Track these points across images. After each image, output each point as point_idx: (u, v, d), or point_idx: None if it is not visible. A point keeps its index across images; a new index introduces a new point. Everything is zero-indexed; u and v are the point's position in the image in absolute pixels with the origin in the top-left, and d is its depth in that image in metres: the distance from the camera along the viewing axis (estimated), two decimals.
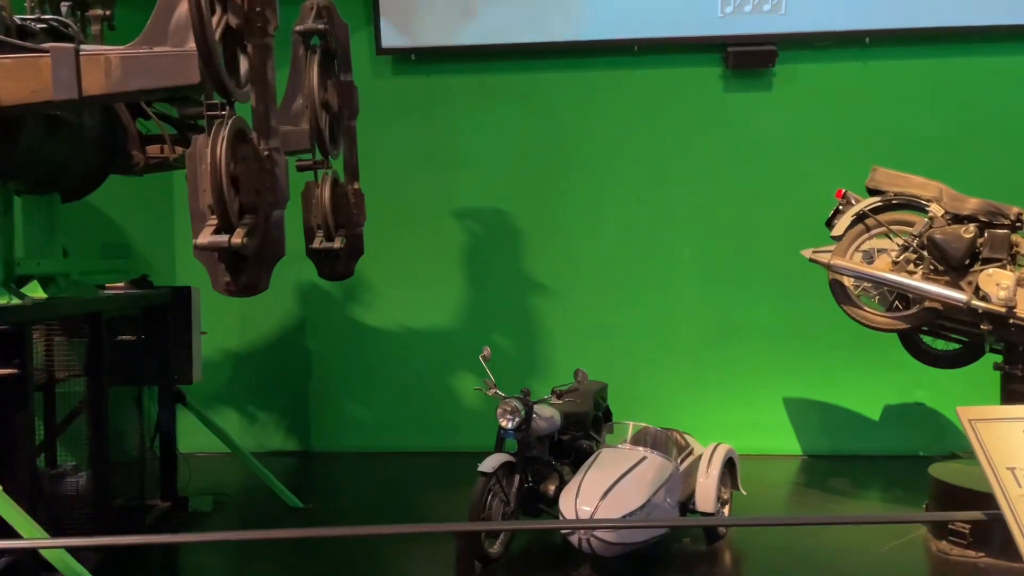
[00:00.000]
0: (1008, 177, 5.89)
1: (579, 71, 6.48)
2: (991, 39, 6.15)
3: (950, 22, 6.09)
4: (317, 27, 4.52)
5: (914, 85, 6.27)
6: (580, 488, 4.16)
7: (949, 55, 6.21)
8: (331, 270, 4.94)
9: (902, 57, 6.24)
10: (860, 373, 6.36)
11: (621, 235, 6.52)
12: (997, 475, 1.81)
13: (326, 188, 4.65)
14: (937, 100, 6.25)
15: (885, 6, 6.11)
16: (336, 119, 4.81)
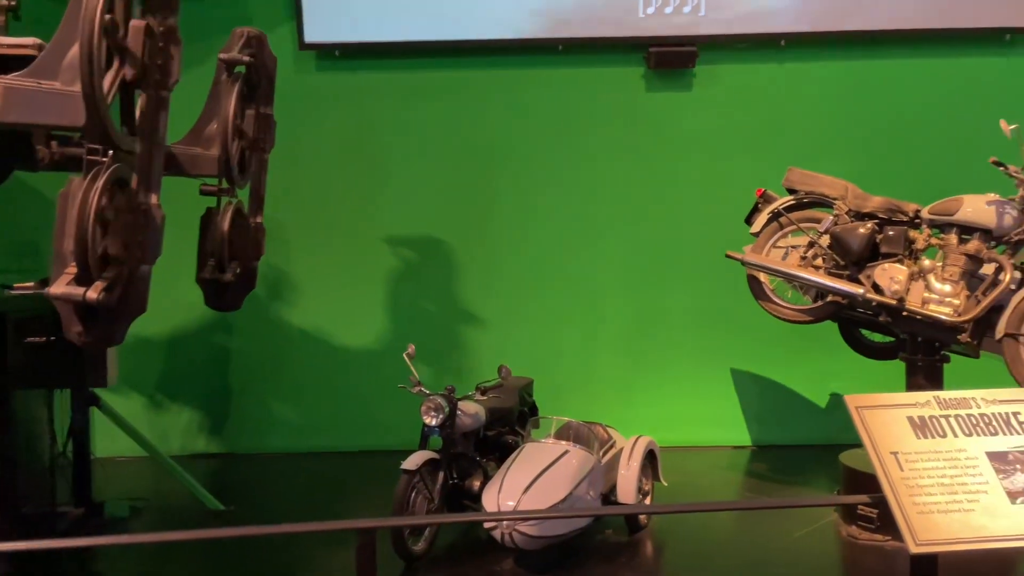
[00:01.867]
0: (913, 175, 6.14)
1: (505, 69, 6.51)
2: (899, 43, 6.41)
3: (860, 26, 6.31)
4: (242, 58, 4.45)
5: (827, 87, 6.49)
6: (503, 483, 4.20)
7: (860, 58, 6.45)
8: (218, 301, 4.85)
9: (816, 60, 6.45)
10: (780, 365, 6.56)
11: (546, 232, 6.58)
12: (881, 460, 1.90)
13: (226, 217, 4.58)
14: (848, 101, 6.48)
15: (798, 10, 6.30)
16: (250, 149, 4.75)
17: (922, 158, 6.34)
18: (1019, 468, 1.94)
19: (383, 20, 6.33)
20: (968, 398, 2.03)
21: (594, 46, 6.44)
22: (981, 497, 1.89)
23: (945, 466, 1.93)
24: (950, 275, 4.48)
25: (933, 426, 1.99)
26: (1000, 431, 2.00)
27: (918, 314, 4.54)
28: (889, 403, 2.01)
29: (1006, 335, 4.26)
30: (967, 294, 4.45)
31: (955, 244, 4.52)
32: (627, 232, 6.59)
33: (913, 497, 1.86)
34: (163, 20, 3.29)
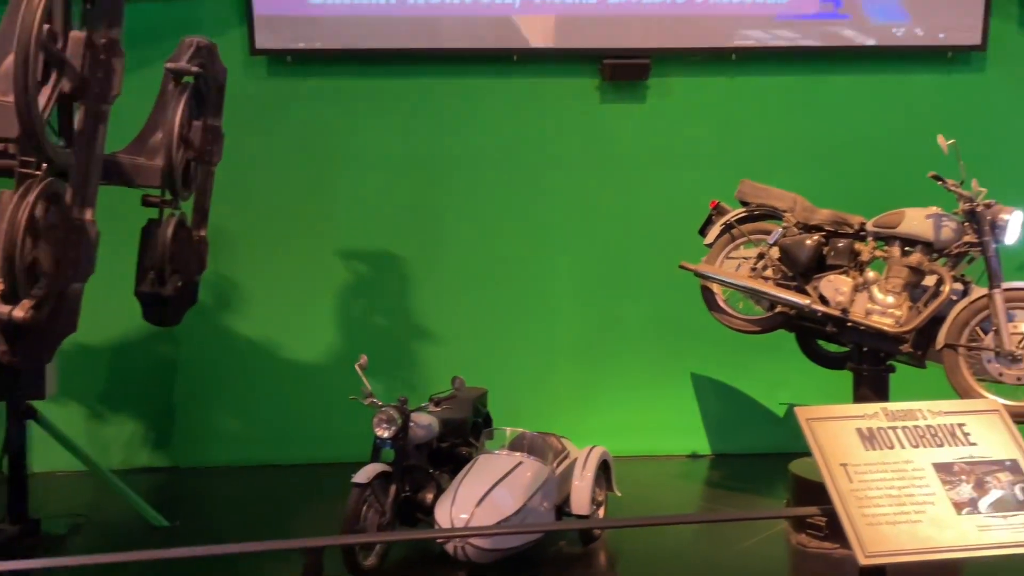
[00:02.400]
0: (860, 188, 6.25)
1: (459, 79, 6.48)
2: (846, 60, 6.55)
3: (807, 43, 6.44)
4: (189, 68, 4.35)
5: (777, 101, 6.60)
6: (456, 496, 4.16)
7: (808, 73, 6.57)
8: (157, 315, 4.73)
9: (765, 74, 6.56)
10: (735, 374, 6.62)
11: (501, 242, 6.56)
12: (831, 472, 1.92)
13: (168, 230, 4.47)
14: (798, 115, 6.59)
15: (747, 25, 6.40)
16: (196, 161, 4.64)
17: (869, 171, 6.47)
18: (964, 479, 1.98)
19: (336, 27, 6.27)
20: (915, 410, 2.06)
21: (549, 57, 6.46)
22: (928, 508, 1.92)
23: (893, 477, 1.96)
24: (892, 287, 4.57)
25: (881, 438, 2.01)
26: (946, 442, 2.03)
27: (861, 324, 4.62)
28: (838, 415, 2.03)
29: (946, 346, 4.35)
30: (910, 305, 4.53)
31: (898, 256, 4.61)
32: (582, 243, 6.60)
33: (862, 509, 1.88)
34: (105, 32, 3.21)
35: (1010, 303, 4.25)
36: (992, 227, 4.34)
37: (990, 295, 4.23)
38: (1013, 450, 2.04)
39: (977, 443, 2.02)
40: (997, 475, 1.97)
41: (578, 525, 4.57)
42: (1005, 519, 1.91)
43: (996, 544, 1.86)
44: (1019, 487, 1.98)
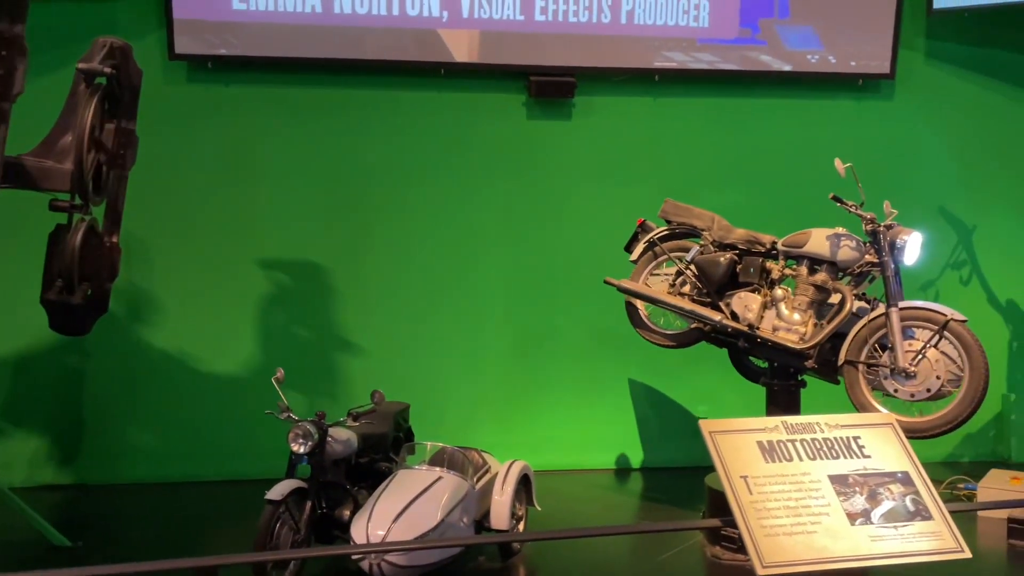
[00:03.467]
0: (776, 208, 6.44)
1: (386, 90, 6.45)
2: (763, 83, 6.76)
3: (726, 66, 6.62)
4: (102, 69, 4.21)
5: (699, 121, 6.76)
6: (372, 512, 4.10)
7: (728, 95, 6.76)
8: (63, 324, 4.55)
9: (688, 95, 6.72)
10: (659, 388, 6.73)
11: (426, 255, 6.53)
12: (732, 484, 1.95)
13: (78, 235, 4.31)
14: (718, 136, 6.77)
15: (669, 48, 6.55)
16: (108, 165, 4.49)
17: (785, 192, 6.68)
18: (858, 491, 2.04)
19: (259, 34, 6.16)
20: (813, 423, 2.12)
21: (476, 72, 6.48)
22: (823, 519, 1.97)
23: (791, 489, 2.00)
24: (798, 304, 4.72)
25: (780, 450, 2.06)
26: (842, 455, 2.10)
27: (769, 340, 4.75)
28: (740, 428, 2.07)
29: (846, 362, 4.48)
30: (815, 322, 4.68)
31: (805, 275, 4.76)
32: (508, 257, 6.62)
33: (761, 520, 1.92)
34: (8, 27, 3.07)
35: (907, 321, 4.39)
36: (891, 248, 4.48)
37: (887, 313, 4.37)
38: (905, 462, 2.12)
39: (871, 456, 2.09)
40: (889, 487, 2.04)
41: (495, 539, 4.55)
42: (896, 529, 1.98)
43: (887, 554, 1.93)
44: (910, 498, 2.06)
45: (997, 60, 6.95)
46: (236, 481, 6.02)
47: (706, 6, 6.55)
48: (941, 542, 2.00)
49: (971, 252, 6.97)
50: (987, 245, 6.95)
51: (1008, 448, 6.86)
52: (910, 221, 4.74)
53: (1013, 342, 7.00)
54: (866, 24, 6.65)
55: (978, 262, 6.97)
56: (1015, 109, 6.97)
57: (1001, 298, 7.01)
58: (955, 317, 4.29)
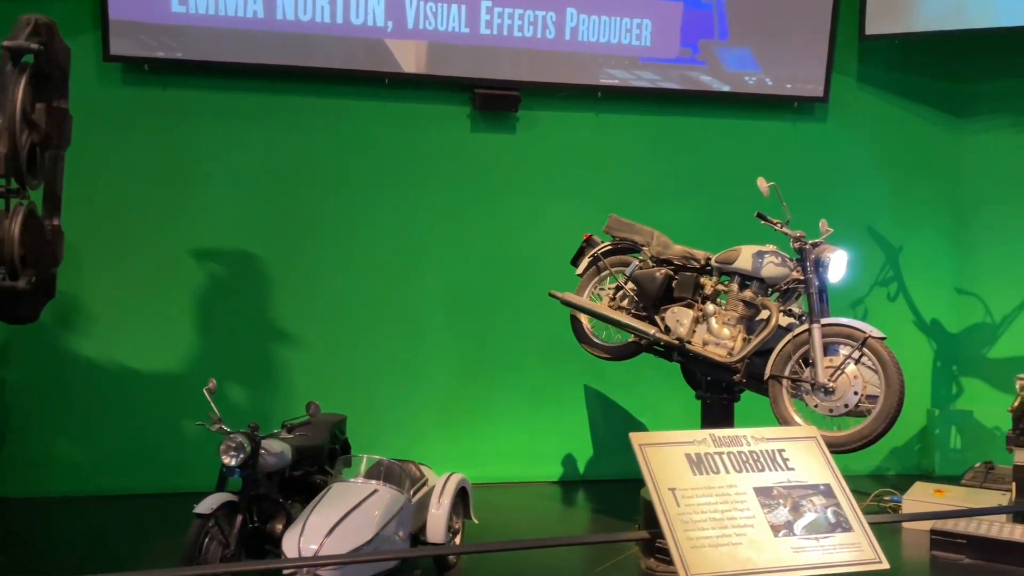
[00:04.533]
0: (715, 224, 6.57)
1: (329, 98, 6.40)
2: (704, 102, 6.90)
3: (667, 85, 6.75)
4: (29, 46, 4.07)
5: (641, 138, 6.87)
6: (305, 526, 4.02)
7: (669, 114, 6.88)
8: (10, 313, 4.39)
9: (630, 112, 6.82)
10: (600, 401, 6.78)
11: (367, 265, 6.48)
12: (660, 496, 1.98)
13: (17, 220, 4.16)
14: (660, 153, 6.89)
15: (612, 65, 6.65)
16: (43, 147, 4.34)
17: (723, 209, 6.81)
18: (782, 503, 2.08)
19: (200, 38, 6.06)
20: (739, 436, 2.16)
21: (421, 82, 6.47)
22: (748, 531, 2.00)
23: (717, 501, 2.03)
24: (728, 319, 4.80)
25: (708, 462, 2.10)
26: (767, 467, 2.14)
27: (699, 354, 4.83)
28: (669, 441, 2.10)
29: (771, 376, 4.54)
30: (745, 337, 4.75)
31: (735, 291, 4.84)
32: (451, 269, 6.61)
33: (688, 532, 1.94)
34: None
35: (829, 338, 4.43)
36: (816, 265, 4.54)
37: (810, 329, 4.43)
38: (827, 475, 2.17)
39: (795, 468, 2.14)
40: (812, 499, 2.08)
41: (430, 552, 4.51)
42: (818, 541, 2.02)
43: (808, 565, 1.97)
44: (831, 510, 2.11)
45: (924, 87, 7.23)
46: (165, 494, 5.86)
47: (648, 26, 6.67)
48: (860, 553, 2.05)
49: (898, 271, 7.22)
50: (913, 264, 7.20)
51: (932, 462, 7.09)
52: (841, 240, 4.84)
53: (937, 359, 7.25)
54: (802, 48, 6.85)
55: (904, 281, 7.22)
56: (940, 134, 7.26)
57: (926, 316, 7.26)
58: (873, 334, 4.33)
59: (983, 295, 7.16)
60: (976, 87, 7.18)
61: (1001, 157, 7.03)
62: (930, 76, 7.23)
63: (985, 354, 7.13)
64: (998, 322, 7.08)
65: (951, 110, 7.24)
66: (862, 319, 6.92)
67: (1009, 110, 7.04)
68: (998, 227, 7.09)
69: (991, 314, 7.12)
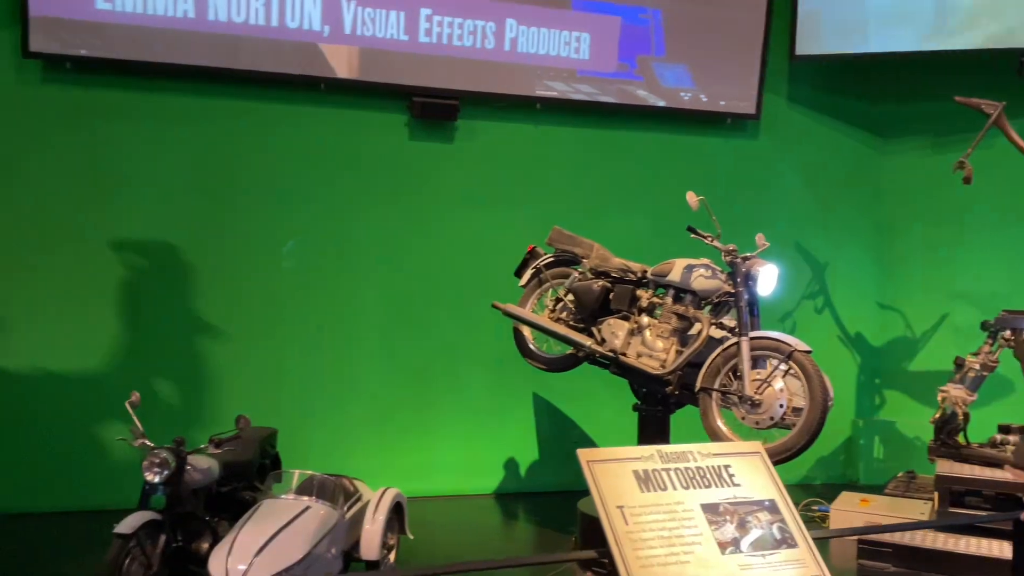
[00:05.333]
0: (652, 237, 6.64)
1: (262, 102, 6.23)
2: (640, 117, 6.98)
3: (605, 99, 6.80)
4: None
5: (578, 150, 6.90)
6: (234, 545, 3.86)
7: (606, 127, 6.94)
8: None
9: (567, 124, 6.85)
10: (534, 414, 6.75)
11: (299, 275, 6.32)
12: (608, 514, 1.95)
13: None
14: (598, 165, 6.94)
15: (551, 77, 6.67)
16: None
17: (660, 222, 6.90)
18: (728, 519, 2.08)
19: (126, 36, 5.83)
20: (687, 452, 2.15)
21: (358, 89, 6.37)
22: (696, 548, 1.99)
23: (665, 519, 2.02)
24: (661, 332, 4.83)
25: (655, 479, 2.08)
26: (713, 483, 2.13)
27: (632, 366, 4.85)
28: (617, 457, 2.07)
29: (701, 389, 4.55)
30: (678, 350, 4.77)
31: (669, 303, 4.88)
32: (387, 280, 6.50)
33: (636, 551, 1.92)
34: None
35: (757, 351, 4.44)
36: (747, 279, 4.56)
37: (738, 343, 4.45)
38: (772, 491, 2.18)
39: (740, 484, 2.14)
40: (757, 515, 2.09)
41: (363, 575, 4.40)
42: (764, 558, 2.02)
43: None
44: (776, 526, 2.11)
45: (850, 107, 7.48)
46: (83, 512, 5.59)
47: (587, 39, 6.72)
48: (806, 569, 2.06)
49: (824, 286, 7.42)
50: (839, 279, 7.42)
51: (857, 471, 7.30)
52: (770, 255, 4.91)
53: (861, 372, 7.47)
54: (735, 67, 7.00)
55: (830, 295, 7.43)
56: (864, 153, 7.50)
57: (851, 330, 7.48)
58: (799, 348, 4.34)
59: (904, 310, 7.42)
60: (898, 109, 7.46)
61: (921, 177, 7.31)
62: (856, 97, 7.48)
63: (906, 367, 7.38)
64: (918, 336, 7.34)
65: (875, 131, 7.51)
66: (791, 332, 7.09)
67: (928, 132, 7.33)
68: (917, 245, 7.37)
69: (911, 328, 7.37)
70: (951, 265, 7.18)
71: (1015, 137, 5.50)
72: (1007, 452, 5.30)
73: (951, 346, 6.68)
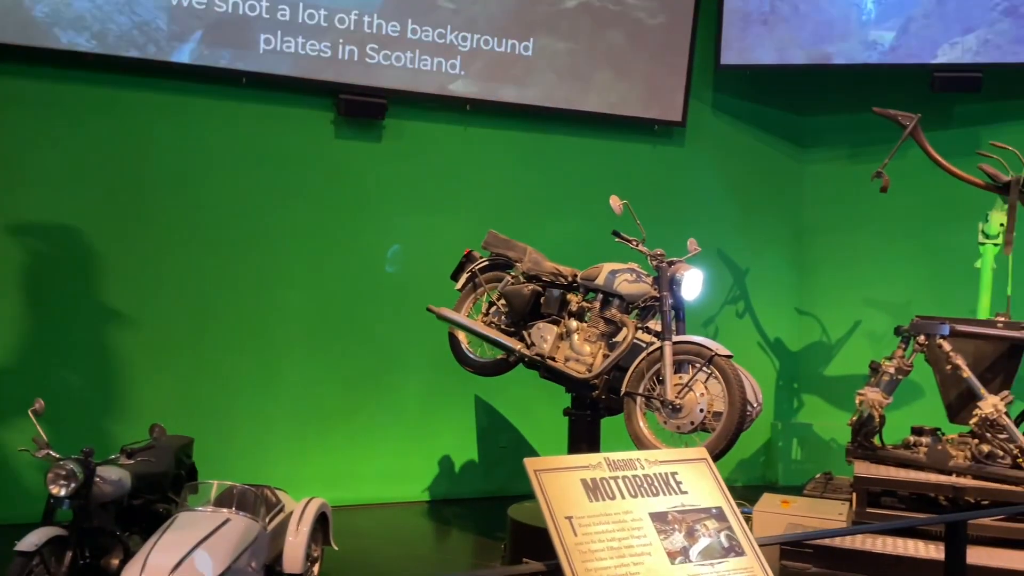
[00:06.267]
0: (583, 241, 6.62)
1: (179, 95, 5.96)
2: (569, 121, 6.98)
3: (533, 102, 6.77)
4: None
5: (508, 153, 6.86)
6: (147, 560, 3.64)
7: (535, 131, 6.92)
8: None
9: (498, 127, 6.80)
10: (461, 419, 6.65)
11: (218, 276, 6.06)
12: (557, 526, 1.88)
13: None
14: (526, 168, 6.91)
15: (482, 77, 6.60)
16: None
17: (590, 226, 6.89)
18: (677, 528, 2.04)
19: (33, 24, 5.48)
20: (634, 459, 2.11)
21: (282, 84, 6.16)
22: (645, 559, 1.95)
23: (614, 529, 1.97)
24: (589, 336, 4.80)
25: (604, 488, 2.03)
26: (661, 491, 2.10)
27: (560, 371, 4.82)
28: (564, 466, 2.01)
29: (625, 393, 4.51)
30: (605, 354, 4.74)
31: (597, 308, 4.86)
32: (311, 282, 6.31)
33: (586, 563, 1.86)
34: None
35: (680, 355, 4.42)
36: (671, 283, 4.53)
37: (661, 347, 4.44)
38: (719, 498, 2.16)
39: (688, 491, 2.11)
40: (705, 523, 2.06)
41: None
42: (712, 567, 2.00)
43: None
44: (724, 534, 2.09)
45: (772, 117, 7.67)
46: None
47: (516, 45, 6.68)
48: None
49: (745, 291, 7.57)
50: (759, 286, 7.59)
51: (776, 473, 7.46)
52: (693, 260, 4.90)
53: (780, 376, 7.65)
54: (663, 74, 7.08)
55: (751, 301, 7.58)
56: (785, 162, 7.71)
57: (771, 335, 7.65)
58: (720, 352, 4.33)
59: (821, 315, 7.64)
60: (817, 120, 7.69)
61: (838, 186, 7.54)
62: (778, 107, 7.67)
63: (822, 371, 7.60)
64: (834, 341, 7.56)
65: (796, 140, 7.72)
66: (713, 337, 7.21)
67: (846, 143, 7.58)
68: (834, 253, 7.60)
69: (828, 333, 7.60)
70: (867, 272, 7.43)
71: (929, 148, 5.71)
72: (920, 453, 5.48)
73: (866, 351, 6.90)
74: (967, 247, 6.05)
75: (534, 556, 4.62)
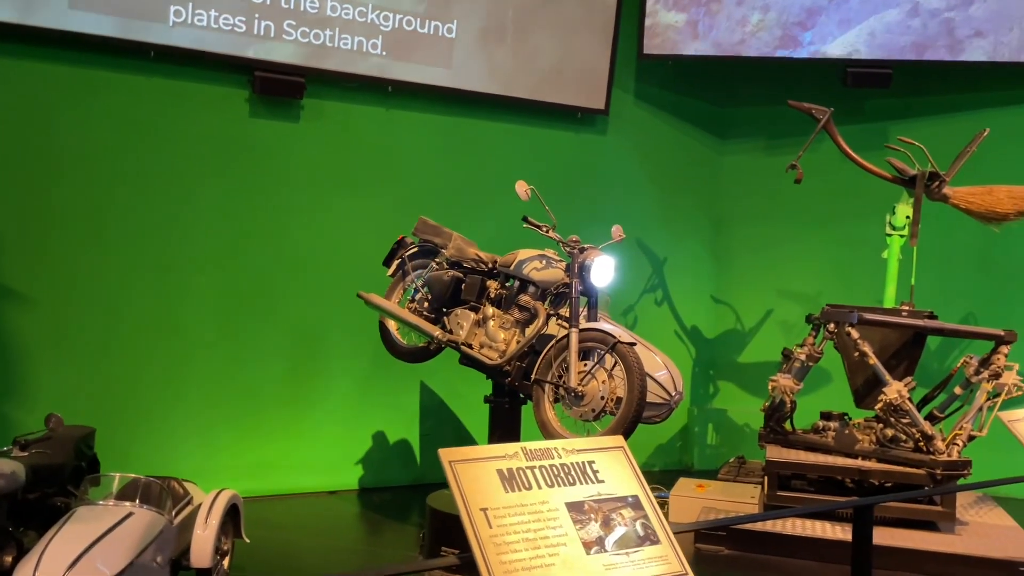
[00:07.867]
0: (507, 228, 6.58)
1: (81, 68, 5.64)
2: (492, 106, 6.91)
3: (457, 85, 6.67)
4: None
5: (431, 136, 6.75)
6: (43, 556, 3.45)
7: (458, 115, 6.83)
8: None
9: (420, 110, 6.68)
10: (376, 407, 6.54)
11: (122, 260, 5.78)
12: (472, 518, 1.84)
13: None
14: (449, 152, 6.81)
15: (404, 58, 6.48)
16: None
17: (514, 212, 6.85)
18: (593, 518, 2.03)
19: None
20: (551, 448, 2.08)
21: (193, 59, 5.90)
22: (561, 550, 1.92)
23: (530, 520, 1.93)
24: (504, 322, 4.77)
25: (520, 478, 1.99)
26: (578, 481, 2.08)
27: (474, 357, 4.78)
28: (480, 456, 1.97)
29: (535, 380, 4.47)
30: (519, 340, 4.68)
31: (512, 294, 4.84)
32: (223, 267, 6.09)
33: (500, 556, 1.82)
34: None
35: (585, 343, 4.35)
36: (580, 270, 4.44)
37: (568, 334, 4.37)
38: (635, 486, 2.15)
39: (605, 480, 2.09)
40: (621, 512, 2.05)
41: None
42: (628, 556, 1.99)
43: None
44: (640, 523, 2.08)
45: (692, 108, 7.77)
46: None
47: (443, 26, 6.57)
48: (669, 566, 2.05)
49: (663, 279, 7.68)
50: (678, 274, 7.71)
51: (692, 457, 7.62)
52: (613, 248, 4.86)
53: (696, 362, 7.80)
54: (588, 61, 7.08)
55: (669, 289, 7.70)
56: (704, 153, 7.83)
57: (688, 322, 7.79)
58: (623, 339, 4.26)
59: (736, 304, 7.82)
60: (735, 112, 7.83)
61: (754, 177, 7.71)
62: (697, 98, 7.78)
63: (737, 358, 7.78)
64: (748, 329, 7.75)
65: (715, 131, 7.85)
66: (631, 325, 7.30)
67: (762, 135, 7.74)
68: (750, 242, 7.78)
69: (742, 321, 7.78)
70: (781, 261, 7.64)
71: (841, 142, 5.88)
72: (828, 438, 5.67)
73: (779, 338, 7.11)
74: (875, 238, 6.26)
75: (453, 545, 4.59)
